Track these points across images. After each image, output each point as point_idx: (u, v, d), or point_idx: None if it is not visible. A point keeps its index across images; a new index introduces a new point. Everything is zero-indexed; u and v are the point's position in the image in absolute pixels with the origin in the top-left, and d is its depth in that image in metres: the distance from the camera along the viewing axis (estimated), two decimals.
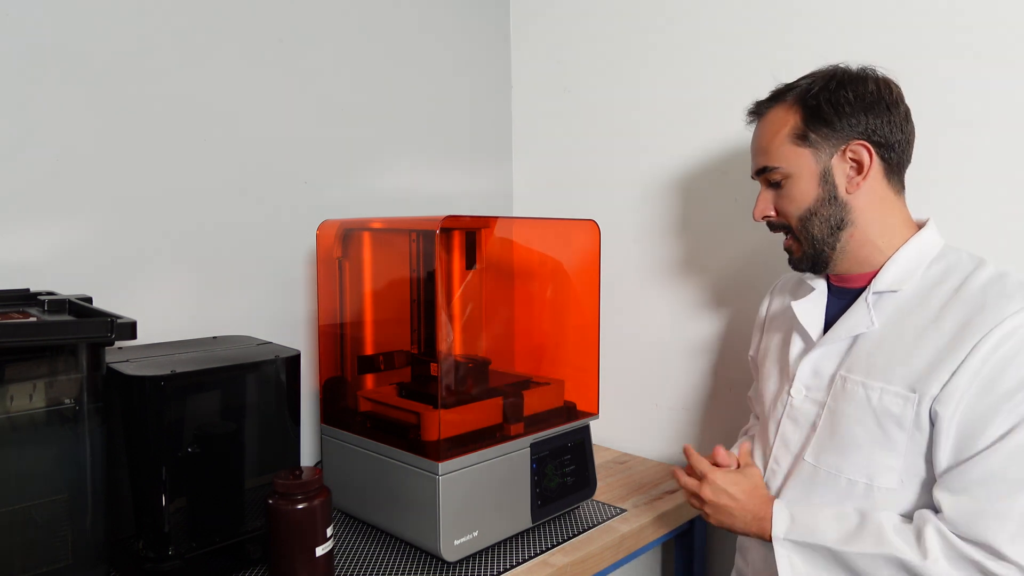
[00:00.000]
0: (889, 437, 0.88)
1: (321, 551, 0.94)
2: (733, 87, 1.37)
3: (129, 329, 0.80)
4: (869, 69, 0.95)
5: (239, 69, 1.28)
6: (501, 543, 1.11)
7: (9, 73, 1.04)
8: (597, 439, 1.56)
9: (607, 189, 1.60)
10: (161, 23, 1.18)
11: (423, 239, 1.21)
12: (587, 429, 1.24)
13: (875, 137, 0.92)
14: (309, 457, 1.39)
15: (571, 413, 1.24)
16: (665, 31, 1.48)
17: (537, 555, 1.08)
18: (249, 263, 1.31)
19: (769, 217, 1.02)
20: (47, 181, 1.08)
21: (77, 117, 1.10)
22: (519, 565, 1.05)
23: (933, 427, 0.85)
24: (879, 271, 0.94)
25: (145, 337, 1.12)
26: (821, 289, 1.02)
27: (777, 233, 1.03)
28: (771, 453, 1.02)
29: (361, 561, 1.05)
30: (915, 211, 0.99)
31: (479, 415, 1.12)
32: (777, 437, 1.01)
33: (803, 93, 0.95)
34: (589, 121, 1.63)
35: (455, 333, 1.29)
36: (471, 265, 1.29)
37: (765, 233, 1.34)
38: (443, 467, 1.01)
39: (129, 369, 0.94)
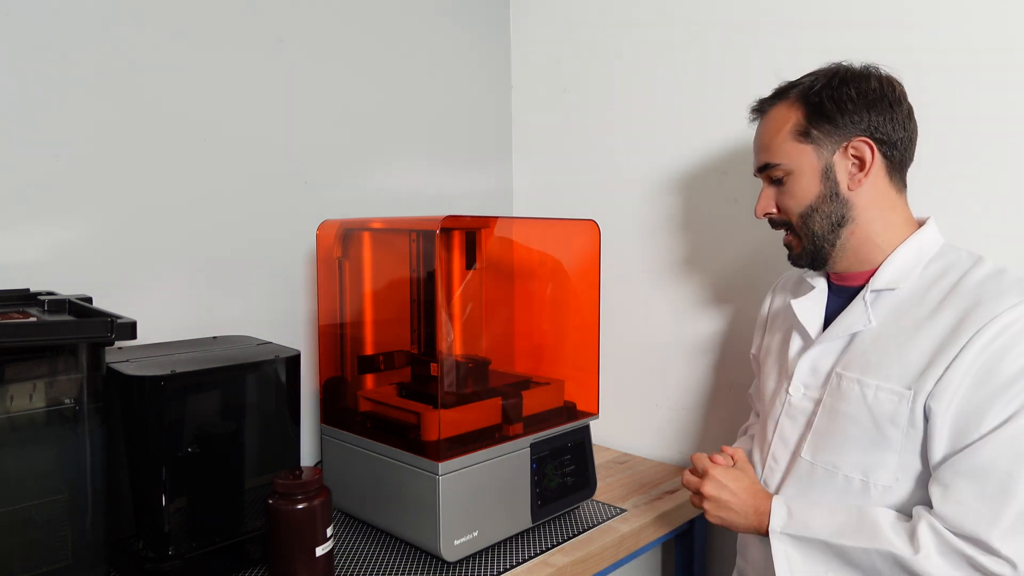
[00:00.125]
0: (884, 434, 0.88)
1: (321, 551, 0.94)
2: (733, 87, 1.37)
3: (129, 329, 0.80)
4: (872, 67, 0.95)
5: (239, 69, 1.28)
6: (501, 543, 1.11)
7: (9, 73, 1.04)
8: (597, 439, 1.56)
9: (607, 189, 1.60)
10: (161, 23, 1.18)
11: (423, 239, 1.21)
12: (587, 429, 1.24)
13: (877, 134, 0.92)
14: (309, 457, 1.39)
15: (571, 413, 1.24)
16: (665, 31, 1.48)
17: (537, 555, 1.08)
18: (249, 263, 1.31)
19: (771, 214, 1.02)
20: (47, 181, 1.08)
21: (77, 117, 1.10)
22: (519, 565, 1.05)
23: (927, 423, 0.86)
24: (877, 269, 0.95)
25: (145, 337, 1.12)
26: (821, 287, 1.03)
27: (779, 230, 1.04)
28: (769, 450, 1.02)
29: (361, 561, 1.05)
30: (918, 210, 0.99)
31: (479, 415, 1.12)
32: (775, 434, 1.02)
33: (806, 90, 0.95)
34: (589, 121, 1.63)
35: (455, 333, 1.29)
36: (471, 265, 1.29)
37: (765, 233, 1.34)
38: (443, 467, 1.01)
39: (129, 369, 0.94)
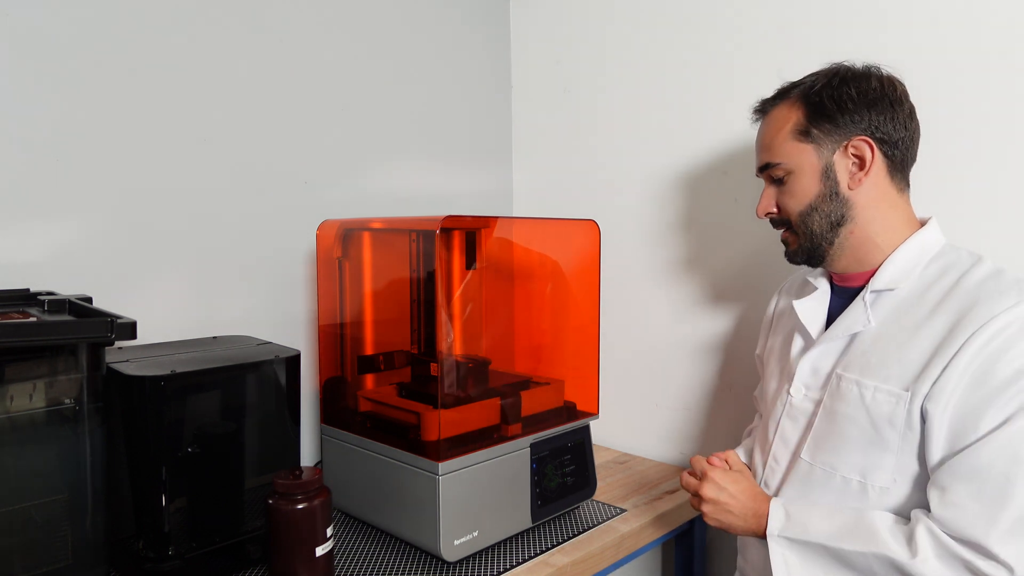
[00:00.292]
0: (882, 436, 0.88)
1: (321, 551, 0.94)
2: (733, 87, 1.37)
3: (129, 329, 0.80)
4: (873, 67, 0.95)
5: (239, 69, 1.28)
6: (501, 543, 1.11)
7: (9, 73, 1.04)
8: (597, 439, 1.56)
9: (607, 189, 1.60)
10: (161, 24, 1.18)
11: (423, 239, 1.21)
12: (587, 429, 1.24)
13: (878, 134, 0.92)
14: (309, 457, 1.39)
15: (571, 413, 1.24)
16: (665, 32, 1.48)
17: (537, 555, 1.08)
18: (249, 263, 1.31)
19: (772, 214, 1.02)
20: (47, 181, 1.08)
21: (77, 117, 1.10)
22: (519, 565, 1.05)
23: (924, 425, 0.85)
24: (877, 270, 0.95)
25: (145, 337, 1.12)
26: (824, 288, 1.03)
27: (779, 229, 1.04)
28: (770, 451, 1.02)
29: (361, 561, 1.05)
30: (921, 210, 0.99)
31: (479, 415, 1.12)
32: (776, 435, 1.02)
33: (807, 90, 0.96)
34: (589, 121, 1.63)
35: (455, 333, 1.29)
36: (471, 265, 1.29)
37: (765, 233, 1.34)
38: (443, 467, 1.01)
39: (129, 369, 0.94)
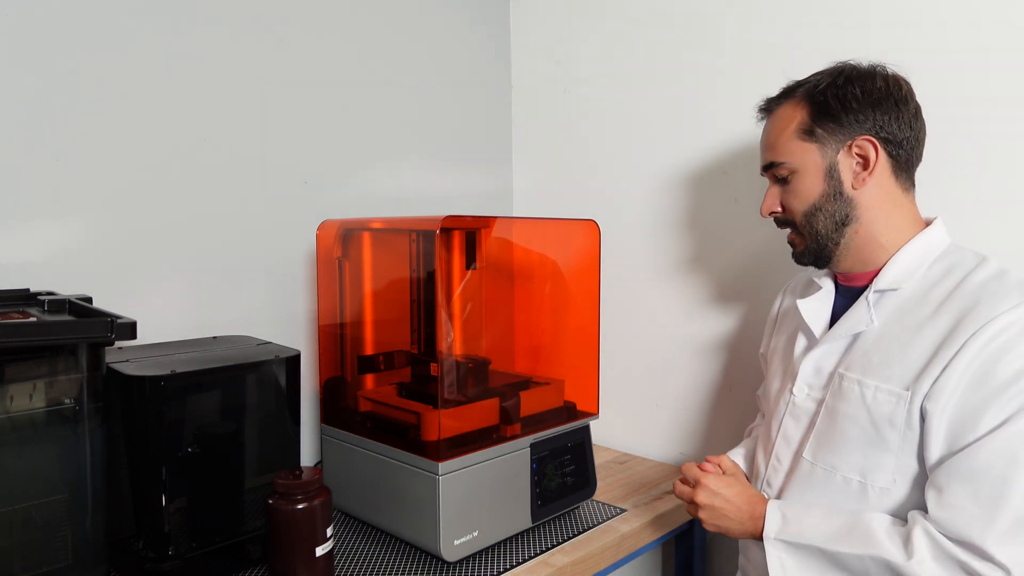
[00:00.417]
0: (882, 436, 0.88)
1: (321, 551, 0.94)
2: (733, 87, 1.37)
3: (129, 329, 0.80)
4: (879, 66, 0.95)
5: (239, 69, 1.28)
6: (501, 543, 1.11)
7: (9, 74, 1.04)
8: (597, 439, 1.56)
9: (607, 189, 1.60)
10: (161, 23, 1.18)
11: (423, 239, 1.21)
12: (587, 429, 1.24)
13: (882, 133, 0.92)
14: (309, 457, 1.39)
15: (571, 413, 1.24)
16: (665, 31, 1.48)
17: (537, 555, 1.08)
18: (249, 263, 1.31)
19: (776, 213, 1.02)
20: (47, 182, 1.08)
21: (77, 117, 1.10)
22: (519, 565, 1.05)
23: (924, 425, 0.85)
24: (881, 269, 0.94)
25: (145, 337, 1.12)
26: (828, 288, 1.03)
27: (783, 229, 1.03)
28: (773, 450, 1.02)
29: (361, 561, 1.05)
30: (927, 210, 0.98)
31: (479, 415, 1.12)
32: (779, 434, 1.02)
33: (811, 89, 0.95)
34: (589, 121, 1.63)
35: (455, 333, 1.29)
36: (471, 265, 1.29)
37: (765, 233, 1.34)
38: (443, 467, 1.01)
39: (129, 369, 0.94)
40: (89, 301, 0.93)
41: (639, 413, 1.58)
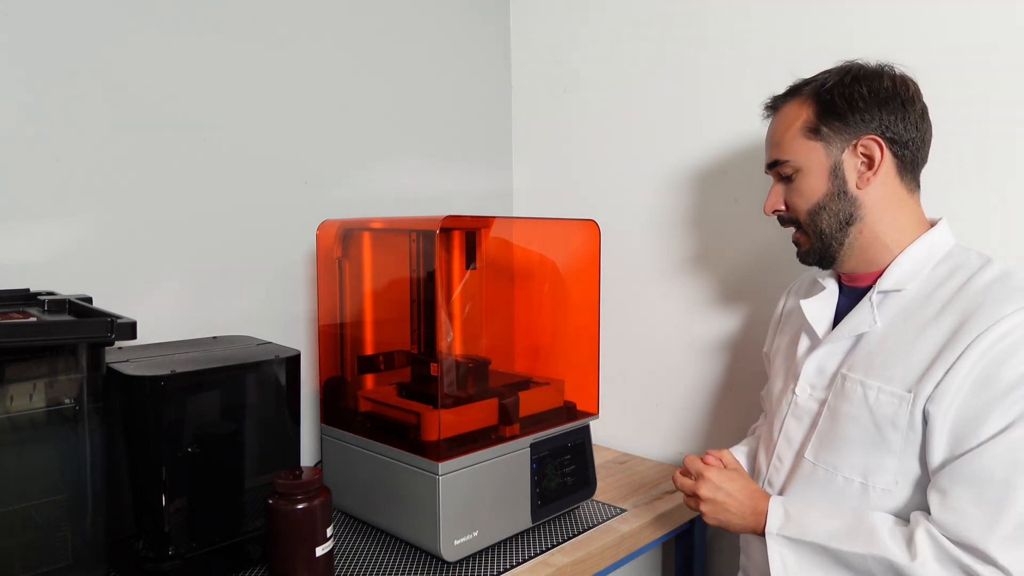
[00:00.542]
0: (884, 437, 0.88)
1: (321, 551, 0.94)
2: (734, 86, 1.37)
3: (129, 329, 0.80)
4: (887, 66, 0.95)
5: (240, 69, 1.28)
6: (501, 543, 1.11)
7: (9, 73, 1.04)
8: (597, 439, 1.56)
9: (607, 189, 1.60)
10: (161, 23, 1.18)
11: (423, 239, 1.21)
12: (587, 429, 1.24)
13: (888, 133, 0.92)
14: (309, 457, 1.39)
15: (571, 413, 1.24)
16: (665, 31, 1.48)
17: (537, 555, 1.08)
18: (249, 263, 1.31)
19: (779, 211, 1.01)
20: (47, 182, 1.08)
21: (77, 118, 1.10)
22: (519, 565, 1.05)
23: (926, 427, 0.85)
24: (885, 270, 0.94)
25: (145, 337, 1.12)
26: (832, 288, 1.02)
27: (787, 228, 1.03)
28: (775, 450, 1.02)
29: (361, 561, 1.05)
30: (932, 211, 0.98)
31: (479, 415, 1.12)
32: (781, 434, 1.02)
33: (818, 88, 0.95)
34: (589, 121, 1.63)
35: (455, 333, 1.29)
36: (471, 265, 1.29)
37: (766, 233, 1.34)
38: (443, 467, 1.01)
39: (129, 369, 0.94)
40: (89, 301, 0.93)
41: (639, 413, 1.58)
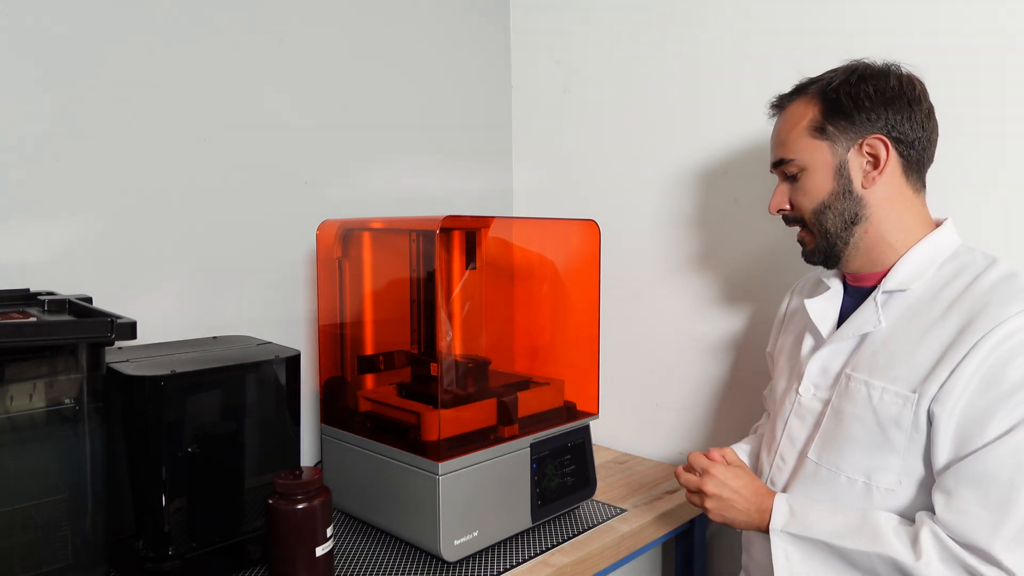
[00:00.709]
0: (888, 437, 0.88)
1: (321, 551, 0.94)
2: (733, 87, 1.37)
3: (129, 329, 0.80)
4: (893, 65, 0.94)
5: (240, 69, 1.28)
6: (501, 543, 1.11)
7: (8, 73, 1.04)
8: (597, 439, 1.56)
9: (607, 189, 1.60)
10: (161, 24, 1.18)
11: (423, 239, 1.21)
12: (587, 429, 1.24)
13: (894, 133, 0.91)
14: (309, 457, 1.39)
15: (571, 413, 1.24)
16: (665, 31, 1.48)
17: (537, 555, 1.08)
18: (249, 263, 1.31)
19: (784, 210, 1.01)
20: (47, 181, 1.08)
21: (77, 117, 1.10)
22: (519, 565, 1.05)
23: (931, 427, 0.85)
24: (890, 270, 0.94)
25: (145, 337, 1.12)
26: (836, 288, 1.02)
27: (792, 227, 1.03)
28: (777, 450, 1.02)
29: (361, 561, 1.05)
30: (938, 211, 0.98)
31: (479, 415, 1.12)
32: (784, 434, 1.02)
33: (824, 87, 0.95)
34: (589, 121, 1.63)
35: (455, 333, 1.29)
36: (471, 265, 1.29)
37: (766, 233, 1.34)
38: (443, 467, 1.01)
39: (129, 369, 0.94)
40: (89, 301, 0.93)
41: (639, 413, 1.58)
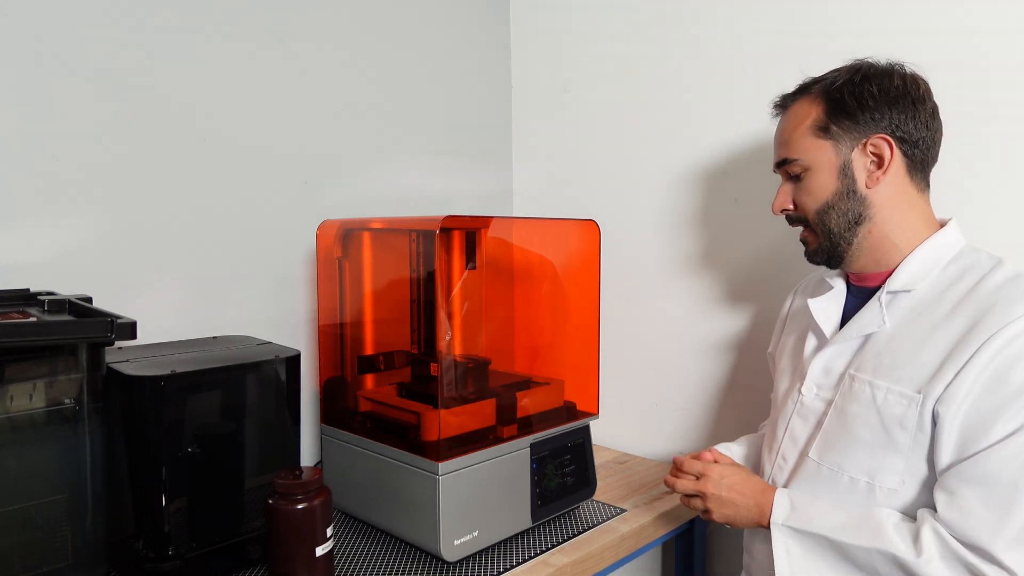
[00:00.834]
0: (892, 438, 0.88)
1: (321, 551, 0.94)
2: (733, 87, 1.37)
3: (129, 329, 0.80)
4: (897, 65, 0.94)
5: (239, 69, 1.28)
6: (501, 543, 1.11)
7: (8, 73, 1.04)
8: (597, 439, 1.56)
9: (607, 189, 1.60)
10: (161, 24, 1.18)
11: (423, 239, 1.21)
12: (587, 429, 1.24)
13: (898, 132, 0.91)
14: (309, 457, 1.39)
15: (571, 413, 1.24)
16: (665, 31, 1.48)
17: (537, 555, 1.08)
18: (249, 263, 1.31)
19: (787, 211, 1.01)
20: (47, 181, 1.08)
21: (77, 118, 1.10)
22: (519, 565, 1.05)
23: (935, 428, 0.85)
24: (894, 270, 0.94)
25: (145, 337, 1.12)
26: (839, 288, 1.02)
27: (794, 227, 1.03)
28: (779, 449, 1.02)
29: (361, 561, 1.05)
30: (942, 211, 0.98)
31: (479, 415, 1.12)
32: (786, 434, 1.02)
33: (828, 86, 0.95)
34: (589, 121, 1.63)
35: (455, 333, 1.29)
36: (471, 265, 1.29)
37: (766, 234, 1.34)
38: (443, 467, 1.01)
39: (129, 369, 0.94)
40: (89, 301, 0.93)
41: (639, 413, 1.58)
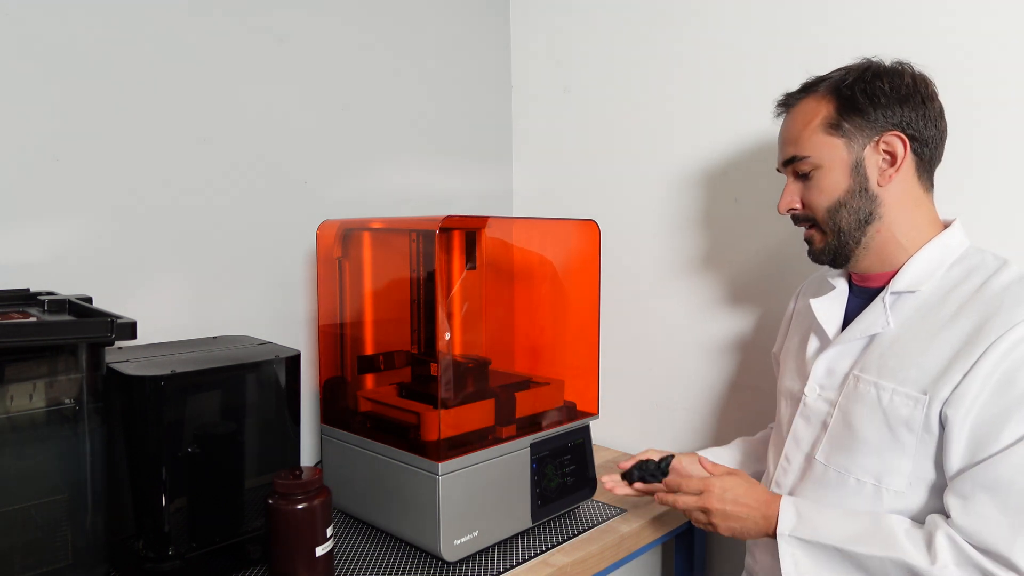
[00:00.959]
0: (898, 439, 0.87)
1: (321, 551, 0.94)
2: (733, 87, 1.37)
3: (129, 329, 0.80)
4: (905, 63, 0.94)
5: (240, 69, 1.28)
6: (501, 543, 1.11)
7: (8, 73, 1.04)
8: (597, 439, 1.56)
9: (607, 189, 1.60)
10: (161, 23, 1.18)
11: (423, 239, 1.21)
12: (587, 429, 1.24)
13: (909, 130, 0.91)
14: (309, 457, 1.39)
15: (571, 413, 1.24)
16: (665, 31, 1.48)
17: (537, 555, 1.08)
18: (249, 263, 1.31)
19: (795, 210, 1.00)
20: (47, 181, 1.08)
21: (77, 117, 1.10)
22: (519, 565, 1.05)
23: (943, 430, 0.84)
24: (899, 271, 0.93)
25: (145, 337, 1.12)
26: (842, 288, 1.01)
27: (800, 227, 1.02)
28: (783, 451, 1.02)
29: (361, 561, 1.05)
30: (945, 212, 0.98)
31: (479, 415, 1.12)
32: (790, 435, 1.01)
33: (837, 83, 0.94)
34: (589, 121, 1.63)
35: (455, 333, 1.29)
36: (471, 265, 1.29)
37: (767, 235, 1.34)
38: (443, 467, 1.01)
39: (129, 369, 0.94)
40: (89, 301, 0.93)
41: (639, 413, 1.58)
